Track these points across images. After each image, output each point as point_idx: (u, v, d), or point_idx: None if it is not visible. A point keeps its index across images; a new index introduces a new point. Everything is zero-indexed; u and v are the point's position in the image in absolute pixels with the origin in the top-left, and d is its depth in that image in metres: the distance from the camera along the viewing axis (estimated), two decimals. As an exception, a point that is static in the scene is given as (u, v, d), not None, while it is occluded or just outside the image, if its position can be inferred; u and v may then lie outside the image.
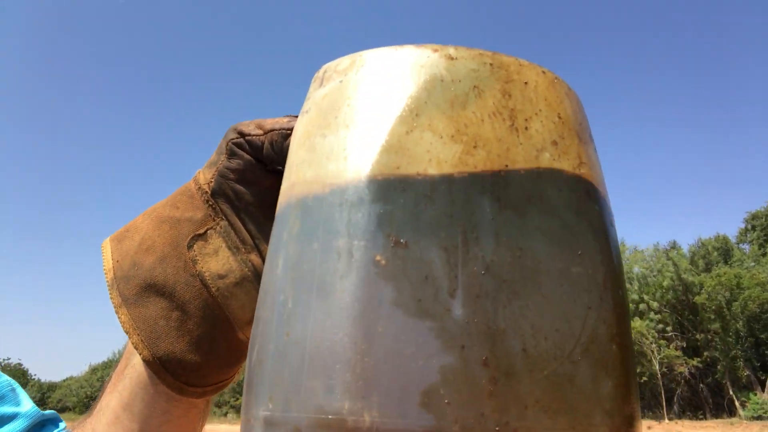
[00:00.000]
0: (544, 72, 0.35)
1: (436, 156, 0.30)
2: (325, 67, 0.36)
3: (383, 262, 0.28)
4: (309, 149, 0.32)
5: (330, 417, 0.25)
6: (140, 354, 0.40)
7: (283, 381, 0.27)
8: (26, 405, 0.49)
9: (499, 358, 0.27)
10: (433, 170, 0.30)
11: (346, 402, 0.25)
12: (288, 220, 0.31)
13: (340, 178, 0.30)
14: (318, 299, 0.28)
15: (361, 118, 0.31)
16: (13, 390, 0.49)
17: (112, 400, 0.43)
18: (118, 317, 0.40)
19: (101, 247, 0.44)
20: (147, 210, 0.45)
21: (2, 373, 0.50)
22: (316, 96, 0.34)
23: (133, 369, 0.42)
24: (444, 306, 0.27)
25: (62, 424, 0.51)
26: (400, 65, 0.33)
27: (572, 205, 0.32)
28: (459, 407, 0.26)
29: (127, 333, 0.40)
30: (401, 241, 0.28)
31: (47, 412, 0.51)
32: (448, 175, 0.30)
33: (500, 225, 0.30)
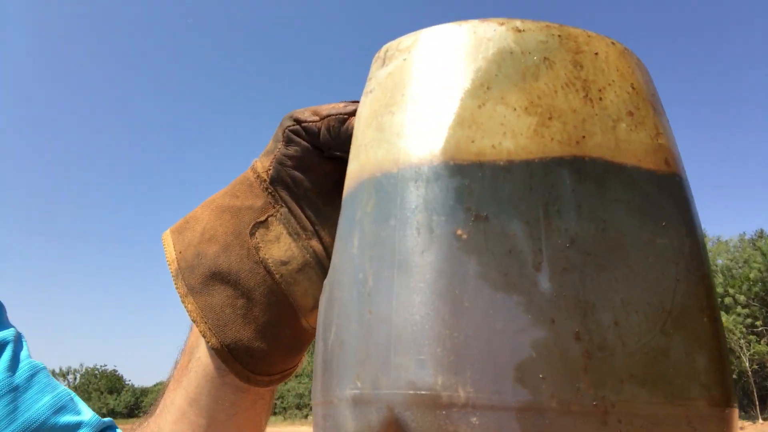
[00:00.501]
0: (613, 43, 0.34)
1: (511, 129, 0.30)
2: (386, 46, 0.35)
3: (464, 236, 0.27)
4: (377, 128, 0.32)
5: (423, 393, 0.25)
6: (208, 342, 0.40)
7: (370, 359, 0.27)
8: (87, 413, 0.49)
9: (592, 332, 0.27)
10: (508, 143, 0.29)
11: (439, 377, 0.25)
12: (361, 200, 0.31)
13: (413, 155, 0.30)
14: (400, 275, 0.27)
15: (430, 93, 0.31)
16: (72, 399, 0.49)
17: (177, 397, 0.43)
18: (185, 306, 0.41)
19: (162, 239, 0.44)
20: (205, 201, 0.45)
21: (59, 383, 0.50)
22: (380, 75, 0.34)
23: (199, 362, 0.42)
24: (530, 280, 0.27)
25: (119, 431, 0.51)
26: (465, 40, 0.32)
27: (653, 176, 0.31)
28: (554, 382, 0.25)
29: (194, 321, 0.40)
30: (482, 214, 0.28)
31: (105, 419, 0.51)
32: (524, 148, 0.29)
33: (581, 197, 0.29)
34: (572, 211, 0.29)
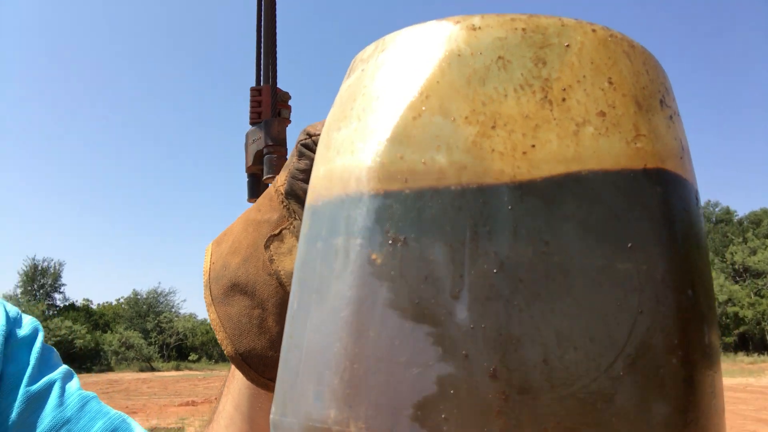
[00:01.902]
0: (594, 30, 0.30)
1: (446, 141, 0.28)
2: (354, 57, 0.35)
3: (378, 260, 0.26)
4: (325, 145, 0.32)
5: (317, 425, 0.25)
6: (225, 350, 0.43)
7: (284, 385, 0.27)
8: (138, 430, 0.55)
9: (512, 371, 0.24)
10: (441, 158, 0.27)
11: (332, 410, 0.25)
12: (305, 222, 0.31)
13: (346, 174, 0.29)
14: (316, 301, 0.27)
15: (374, 107, 0.30)
16: (124, 420, 0.54)
17: (227, 404, 0.48)
18: (209, 315, 0.44)
19: (205, 250, 0.49)
20: (242, 214, 0.49)
21: (111, 408, 0.55)
22: (342, 88, 0.34)
23: None
24: (446, 309, 0.25)
25: None
26: (417, 45, 0.31)
27: (621, 188, 0.27)
28: (459, 425, 0.24)
29: (214, 330, 0.44)
30: (400, 237, 0.26)
31: None
32: (457, 162, 0.27)
33: (520, 215, 0.26)
34: (506, 232, 0.26)
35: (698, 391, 0.25)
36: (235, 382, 0.47)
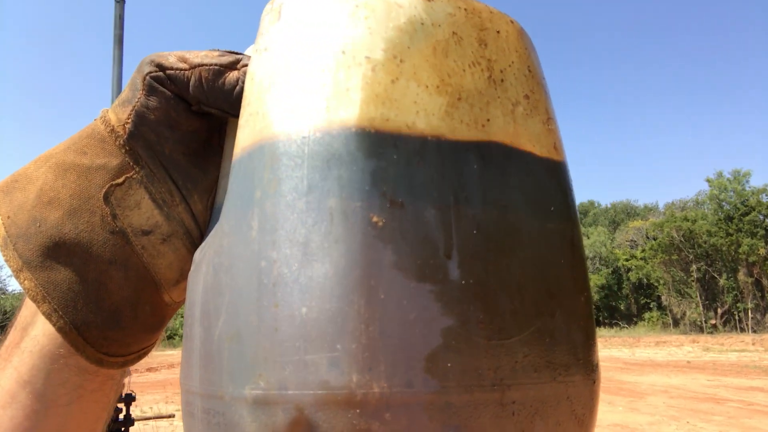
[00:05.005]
0: (511, 22, 0.35)
1: (424, 108, 0.30)
2: None
3: (380, 223, 0.27)
4: (281, 96, 0.30)
5: (337, 392, 0.25)
6: (55, 324, 0.36)
7: (275, 356, 0.26)
8: None
9: (493, 317, 0.29)
10: (421, 124, 0.29)
11: (354, 375, 0.25)
12: (261, 176, 0.29)
13: (326, 131, 0.28)
14: (311, 265, 0.26)
15: (339, 60, 0.30)
16: None
17: (4, 379, 0.38)
18: (21, 283, 0.35)
19: None
20: (40, 156, 0.39)
21: None
22: (276, 32, 0.32)
23: (35, 341, 0.38)
24: (442, 268, 0.28)
25: None
26: (375, 3, 0.31)
27: (543, 162, 0.34)
28: (459, 369, 0.27)
29: (34, 301, 0.35)
30: (397, 200, 0.28)
31: None
32: (436, 129, 0.30)
33: (486, 183, 0.31)
34: (478, 197, 0.30)
35: (593, 320, 0.34)
36: (23, 356, 0.38)
